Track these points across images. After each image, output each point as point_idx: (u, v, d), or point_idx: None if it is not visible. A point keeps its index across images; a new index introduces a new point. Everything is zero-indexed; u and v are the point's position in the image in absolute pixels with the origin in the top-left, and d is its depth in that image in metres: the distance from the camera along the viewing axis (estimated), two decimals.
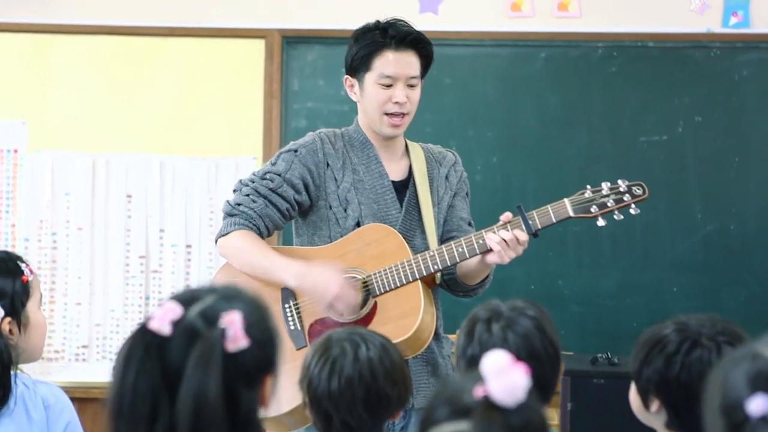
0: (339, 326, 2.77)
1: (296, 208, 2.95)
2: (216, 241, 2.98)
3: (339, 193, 2.93)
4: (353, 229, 2.92)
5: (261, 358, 1.49)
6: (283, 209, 2.93)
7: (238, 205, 2.92)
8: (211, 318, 1.46)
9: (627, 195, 2.85)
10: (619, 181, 2.88)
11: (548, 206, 2.84)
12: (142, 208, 4.85)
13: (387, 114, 2.94)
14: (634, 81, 4.81)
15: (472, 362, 2.04)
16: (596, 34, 4.81)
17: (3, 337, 2.36)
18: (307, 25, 4.87)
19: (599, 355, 4.23)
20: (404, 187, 3.00)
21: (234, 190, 3.00)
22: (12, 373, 2.36)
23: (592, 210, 2.84)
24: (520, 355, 1.92)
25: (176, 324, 1.45)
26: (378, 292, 2.84)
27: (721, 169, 4.77)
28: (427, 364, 2.94)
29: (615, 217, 2.85)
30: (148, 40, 4.88)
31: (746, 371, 1.34)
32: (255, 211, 2.90)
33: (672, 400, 2.01)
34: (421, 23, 4.84)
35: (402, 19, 3.02)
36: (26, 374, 2.49)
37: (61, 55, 4.89)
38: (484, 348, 2.02)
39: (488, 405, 1.33)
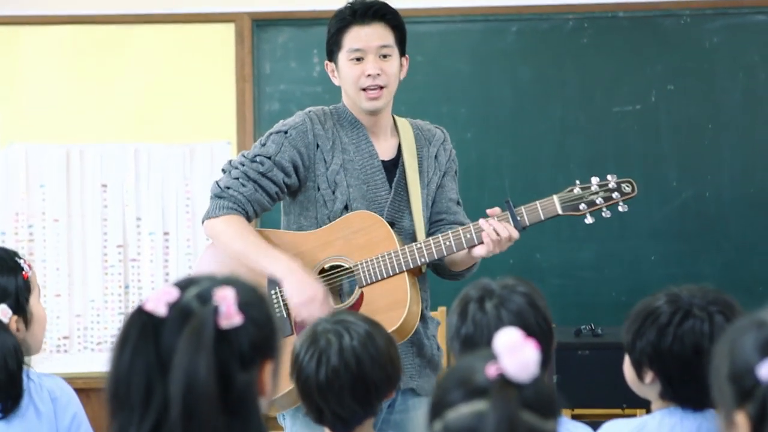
0: None
1: (285, 190, 2.93)
2: (203, 222, 2.97)
3: (328, 175, 2.92)
4: (341, 212, 2.91)
5: (257, 338, 1.47)
6: (273, 193, 2.91)
7: (228, 188, 2.90)
8: (205, 297, 1.45)
9: (616, 192, 2.85)
10: (609, 177, 2.87)
11: (537, 202, 2.85)
12: (118, 197, 4.83)
13: (363, 89, 2.93)
14: (605, 52, 4.82)
15: (466, 341, 2.05)
16: (566, 6, 4.81)
17: (13, 337, 2.37)
18: (277, 8, 4.85)
19: (583, 326, 4.25)
20: (394, 167, 2.98)
21: (223, 170, 2.97)
22: (24, 369, 2.38)
23: (581, 208, 2.84)
24: None
25: (172, 306, 1.45)
26: (364, 283, 2.84)
27: (695, 136, 4.80)
28: (413, 345, 2.95)
29: (603, 214, 2.86)
30: (116, 28, 4.86)
31: (754, 338, 1.37)
32: (244, 196, 2.88)
33: (665, 371, 2.03)
34: (391, 1, 4.85)
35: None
36: (31, 368, 2.49)
37: (29, 46, 4.86)
38: (478, 327, 2.04)
39: (504, 382, 1.35)
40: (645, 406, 2.21)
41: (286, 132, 2.92)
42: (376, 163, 2.95)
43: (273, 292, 2.87)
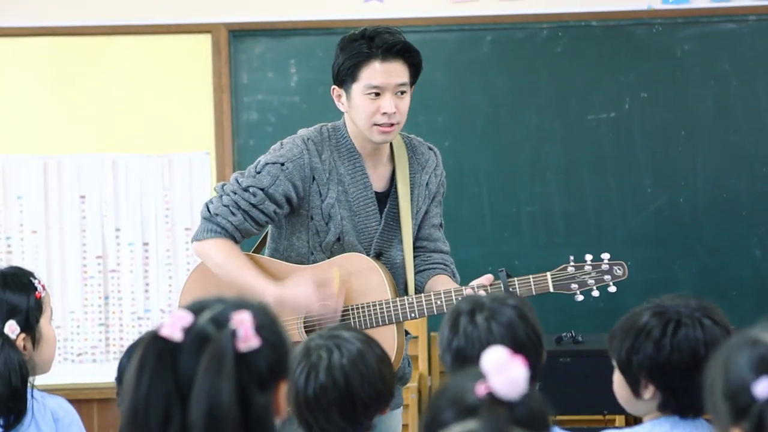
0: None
1: (275, 219, 2.95)
2: (192, 241, 3.00)
3: (323, 208, 2.93)
4: (334, 243, 2.94)
5: (273, 360, 1.48)
6: (262, 222, 2.94)
7: (216, 215, 2.91)
8: (221, 321, 1.46)
9: (607, 275, 2.92)
10: (603, 256, 2.93)
11: (530, 277, 2.89)
12: (96, 208, 4.83)
13: (376, 124, 2.91)
14: (579, 60, 4.87)
15: (458, 354, 2.08)
16: (540, 15, 4.86)
17: (20, 353, 2.38)
18: (253, 18, 4.87)
19: (563, 333, 4.29)
20: (386, 197, 3.00)
21: (215, 191, 2.98)
22: (28, 388, 2.39)
23: (572, 287, 2.90)
24: (505, 344, 1.98)
25: (187, 330, 1.45)
26: (354, 327, 2.88)
27: (669, 143, 4.85)
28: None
29: (592, 293, 2.93)
30: (92, 40, 4.86)
31: (749, 356, 1.40)
32: (232, 224, 2.90)
33: (667, 383, 2.06)
34: (367, 12, 4.91)
35: (389, 27, 2.95)
36: (35, 387, 2.50)
37: (5, 57, 4.86)
38: (470, 340, 2.07)
39: (493, 401, 1.36)
40: (625, 412, 2.23)
41: (282, 164, 2.90)
42: (369, 195, 2.97)
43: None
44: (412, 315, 2.88)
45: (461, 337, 2.08)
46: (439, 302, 2.87)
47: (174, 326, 1.45)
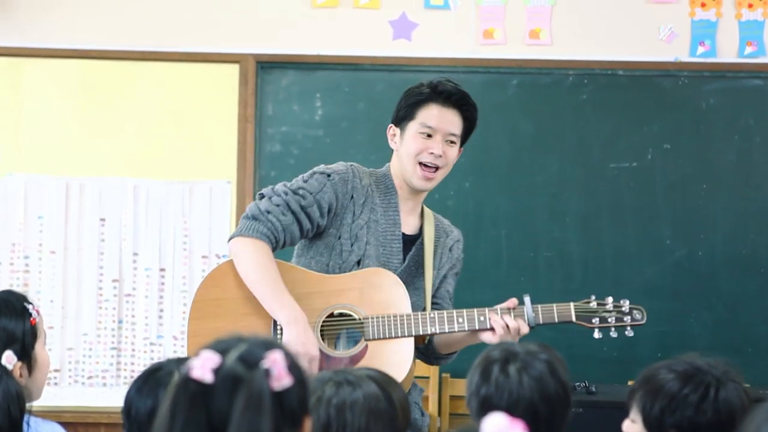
0: (327, 361, 2.83)
1: (314, 230, 2.97)
2: (230, 238, 2.97)
3: (352, 227, 2.97)
4: (354, 264, 2.96)
5: (302, 397, 1.50)
6: (306, 229, 2.94)
7: (268, 212, 2.92)
8: (250, 362, 1.47)
9: (627, 317, 2.98)
10: (622, 301, 2.99)
11: (554, 306, 2.93)
12: (115, 232, 4.85)
13: (421, 164, 2.99)
14: (604, 108, 4.88)
15: (485, 402, 2.09)
16: (567, 62, 4.88)
17: (17, 384, 2.35)
18: (282, 51, 4.90)
19: (577, 383, 4.26)
20: (411, 243, 3.05)
21: (261, 195, 2.99)
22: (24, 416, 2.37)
23: (593, 321, 2.94)
24: (533, 398, 2.04)
25: (216, 371, 1.46)
26: (371, 337, 2.88)
27: (690, 195, 4.84)
28: None
29: (611, 333, 2.97)
30: (122, 64, 4.90)
31: None
32: (282, 224, 2.91)
33: None
34: (394, 50, 4.94)
35: (452, 80, 3.08)
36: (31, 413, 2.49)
37: (34, 78, 4.90)
38: (499, 389, 2.09)
39: None
40: None
41: (329, 175, 2.98)
42: (397, 232, 3.02)
43: (280, 330, 2.90)
44: (432, 329, 2.90)
45: (491, 386, 2.10)
46: (461, 320, 2.89)
47: (204, 368, 1.46)
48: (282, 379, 1.47)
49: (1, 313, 2.45)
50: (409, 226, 3.07)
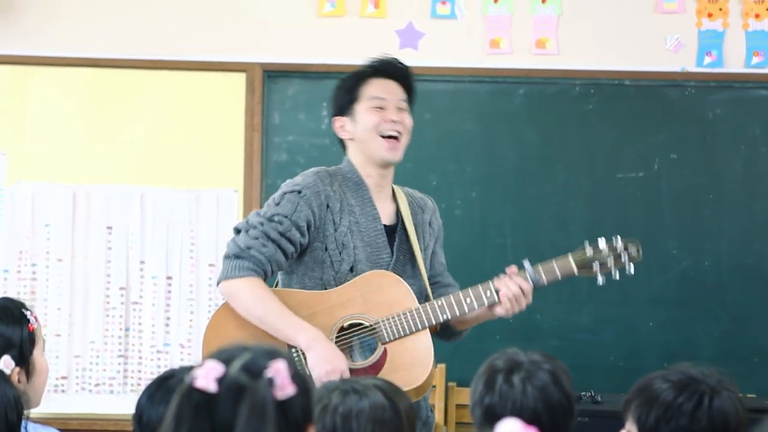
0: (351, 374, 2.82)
1: (299, 251, 2.95)
2: (219, 282, 2.96)
3: (336, 236, 2.95)
4: (347, 273, 2.94)
5: (305, 405, 1.51)
6: (290, 253, 2.93)
7: (249, 248, 2.90)
8: (254, 371, 1.47)
9: (624, 254, 2.92)
10: (615, 239, 2.94)
11: (553, 261, 2.91)
12: (122, 240, 4.86)
13: (383, 137, 2.98)
14: (610, 118, 4.88)
15: (489, 411, 2.09)
16: (573, 72, 4.88)
17: (15, 389, 2.36)
18: (288, 60, 4.91)
19: (582, 393, 4.26)
20: (393, 231, 3.03)
21: (237, 230, 2.98)
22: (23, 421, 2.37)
23: (594, 269, 2.91)
24: (537, 407, 2.05)
25: (220, 381, 1.47)
26: (388, 339, 2.88)
27: (696, 205, 4.84)
28: None
29: (612, 276, 2.92)
30: (129, 73, 4.91)
31: None
32: (265, 256, 2.89)
33: None
34: (401, 59, 4.92)
35: (384, 54, 3.10)
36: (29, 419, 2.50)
37: (41, 86, 4.91)
38: (503, 398, 2.09)
39: None
40: None
41: (300, 192, 2.96)
42: (379, 227, 3.00)
43: (293, 349, 2.88)
44: (444, 316, 2.89)
45: (495, 395, 2.10)
46: (468, 300, 2.88)
47: (208, 377, 1.46)
48: (285, 389, 1.47)
49: None
50: (386, 216, 3.05)
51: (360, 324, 2.91)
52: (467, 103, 4.91)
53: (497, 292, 2.87)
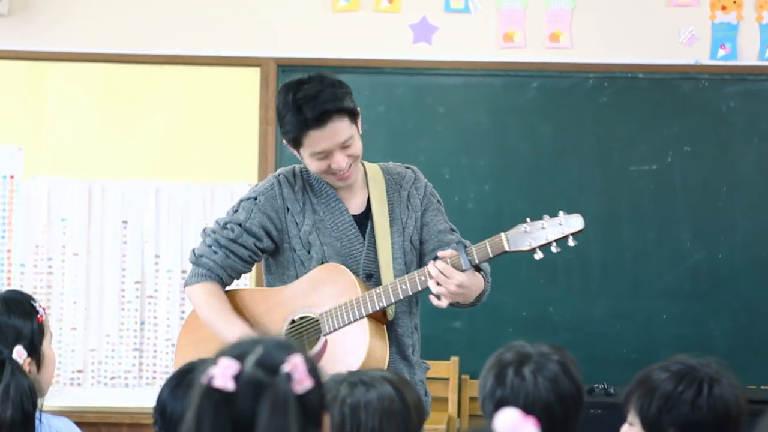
0: None
1: (260, 254, 3.03)
2: (185, 287, 3.11)
3: (301, 236, 2.99)
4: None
5: (320, 396, 1.52)
6: (245, 257, 3.01)
7: (201, 256, 3.03)
8: (270, 366, 1.48)
9: (564, 227, 2.86)
10: (560, 213, 2.90)
11: (486, 241, 2.85)
12: (137, 234, 4.89)
13: (333, 175, 2.95)
14: (624, 111, 4.88)
15: (500, 404, 2.10)
16: (587, 65, 4.89)
17: (29, 378, 2.42)
18: (302, 54, 4.93)
19: (596, 385, 4.26)
20: (366, 218, 3.03)
21: (201, 237, 3.09)
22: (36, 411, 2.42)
23: (528, 243, 2.84)
24: (549, 399, 2.07)
25: (237, 378, 1.48)
26: (328, 330, 2.92)
27: (710, 198, 4.84)
28: None
29: (552, 249, 2.86)
30: (144, 68, 4.94)
31: None
32: (216, 263, 3.00)
33: None
34: (415, 53, 4.95)
35: (313, 81, 2.90)
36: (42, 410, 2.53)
37: (57, 81, 4.94)
38: (515, 391, 2.10)
39: None
40: None
41: (255, 198, 3.02)
42: (347, 219, 3.01)
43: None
44: (380, 304, 2.88)
45: (507, 388, 2.11)
46: (404, 286, 2.86)
47: (225, 376, 1.47)
48: (304, 383, 1.48)
49: (11, 311, 2.50)
50: (356, 205, 3.04)
51: (309, 317, 2.95)
52: (481, 96, 4.92)
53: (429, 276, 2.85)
